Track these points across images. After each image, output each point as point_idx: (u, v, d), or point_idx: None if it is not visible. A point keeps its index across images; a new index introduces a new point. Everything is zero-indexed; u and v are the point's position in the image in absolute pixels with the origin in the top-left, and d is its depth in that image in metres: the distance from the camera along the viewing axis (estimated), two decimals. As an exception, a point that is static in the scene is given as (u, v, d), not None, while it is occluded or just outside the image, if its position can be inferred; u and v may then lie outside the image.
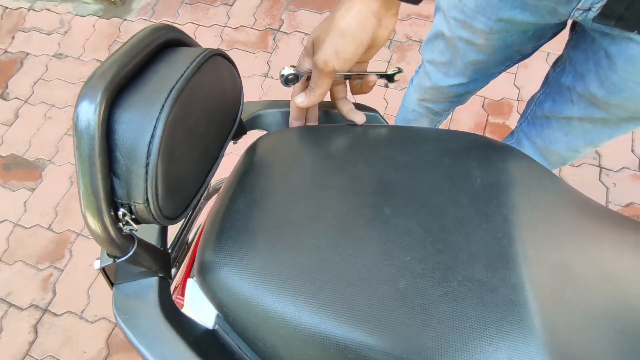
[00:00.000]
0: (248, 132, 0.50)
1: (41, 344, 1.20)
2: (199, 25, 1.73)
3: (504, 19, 0.55)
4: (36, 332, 1.22)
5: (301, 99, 0.44)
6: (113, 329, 1.20)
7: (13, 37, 1.80)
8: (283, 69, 0.43)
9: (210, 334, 0.37)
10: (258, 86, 1.57)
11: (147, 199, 0.28)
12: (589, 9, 0.47)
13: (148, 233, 0.37)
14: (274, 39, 1.67)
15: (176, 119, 0.29)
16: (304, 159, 0.42)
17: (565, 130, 0.66)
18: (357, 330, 0.29)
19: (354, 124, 0.47)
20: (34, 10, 1.86)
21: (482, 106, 1.46)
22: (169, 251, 0.50)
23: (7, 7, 1.89)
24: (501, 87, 1.48)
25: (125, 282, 0.35)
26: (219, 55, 0.36)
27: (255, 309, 0.32)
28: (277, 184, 0.39)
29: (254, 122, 0.52)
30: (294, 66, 0.43)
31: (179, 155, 0.31)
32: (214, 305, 0.36)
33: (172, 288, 0.45)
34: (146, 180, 0.27)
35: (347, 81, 0.47)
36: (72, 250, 1.33)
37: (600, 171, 1.34)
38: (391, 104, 1.49)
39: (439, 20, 0.67)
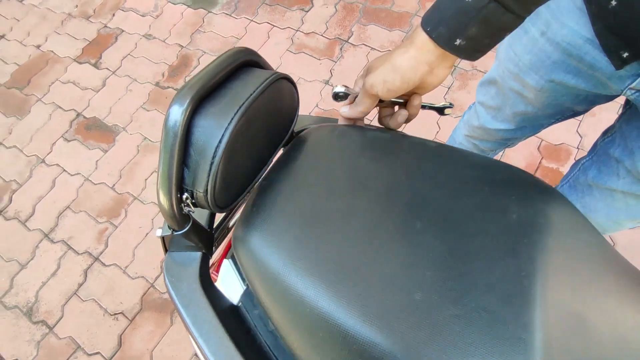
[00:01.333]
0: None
1: (88, 287, 1.36)
2: (274, 26, 1.85)
3: (555, 81, 0.56)
4: (86, 276, 1.38)
5: (345, 110, 0.48)
6: (148, 289, 1.33)
7: (113, 15, 2.03)
8: (336, 86, 0.48)
9: (235, 308, 0.44)
10: (317, 92, 1.64)
11: (207, 190, 0.35)
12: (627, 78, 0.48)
13: (201, 215, 0.44)
14: (341, 49, 1.73)
15: (240, 131, 0.36)
16: (348, 155, 0.45)
17: (607, 201, 0.65)
18: (365, 326, 0.32)
19: (403, 133, 0.51)
20: (135, -7, 2.08)
21: (538, 148, 1.42)
22: (213, 233, 0.57)
23: (113, -13, 2.13)
24: (562, 131, 1.43)
25: (176, 251, 0.42)
26: (284, 79, 0.42)
27: (279, 284, 0.36)
28: (318, 175, 0.42)
29: (303, 133, 0.58)
30: (345, 86, 0.49)
31: (237, 159, 0.37)
32: (242, 273, 0.41)
33: (210, 263, 0.52)
34: (209, 174, 0.34)
35: (395, 107, 0.51)
36: (128, 211, 1.48)
37: (657, 238, 1.26)
38: (443, 130, 1.50)
39: (495, 66, 0.69)
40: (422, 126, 1.51)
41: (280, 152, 0.50)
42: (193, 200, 0.37)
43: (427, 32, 0.38)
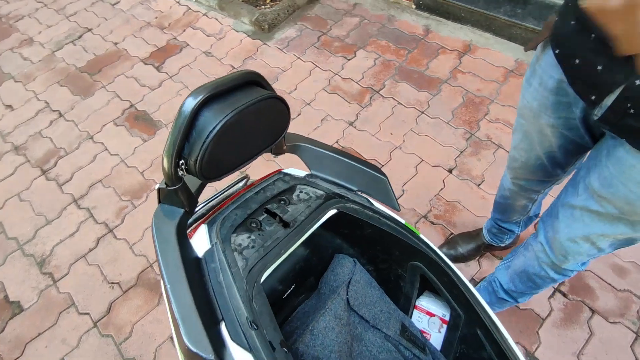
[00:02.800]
0: (287, 154, 0.70)
1: (96, 253, 1.51)
2: (317, 66, 2.07)
3: (561, 116, 0.72)
4: (97, 244, 1.53)
5: None
6: (147, 268, 1.46)
7: (184, 30, 2.33)
8: None
9: (197, 259, 0.56)
10: (341, 130, 1.81)
11: (197, 160, 0.49)
12: (596, 113, 0.61)
13: (192, 185, 0.58)
14: (371, 98, 1.91)
15: (231, 125, 0.50)
16: None
17: (568, 221, 0.75)
18: None
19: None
20: (207, 16, 2.40)
21: (532, 224, 1.48)
22: (201, 207, 0.71)
23: (190, 9, 2.46)
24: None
25: (166, 203, 0.55)
26: (275, 99, 0.57)
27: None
28: None
29: (294, 149, 0.71)
30: None
31: (225, 145, 0.51)
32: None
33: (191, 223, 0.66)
34: (200, 149, 0.48)
35: None
36: (149, 196, 1.65)
37: (636, 339, 1.27)
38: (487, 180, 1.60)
39: (517, 116, 0.87)
40: (472, 169, 1.62)
41: (267, 154, 0.65)
42: (186, 167, 0.50)
43: None
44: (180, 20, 2.40)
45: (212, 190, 1.59)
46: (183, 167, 0.50)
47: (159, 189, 0.54)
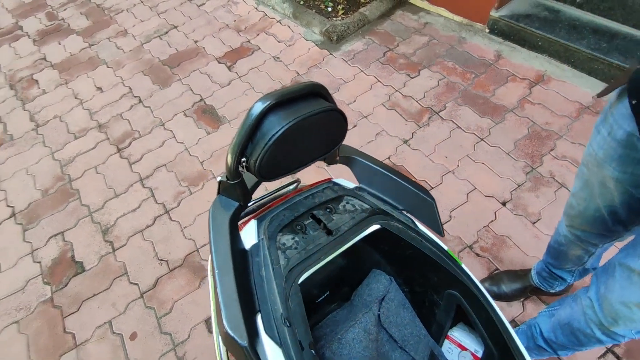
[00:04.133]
0: (339, 164, 0.73)
1: (152, 231, 1.64)
2: (379, 81, 2.09)
3: (627, 172, 0.67)
4: (154, 222, 1.67)
5: None
6: (193, 251, 1.56)
7: (258, 34, 2.47)
8: None
9: (244, 250, 0.60)
10: (394, 147, 1.80)
11: (257, 160, 0.53)
12: None
13: (248, 181, 0.62)
14: (429, 118, 1.89)
15: (292, 131, 0.53)
16: None
17: (624, 282, 0.69)
18: None
19: None
20: (280, 23, 2.52)
21: (589, 273, 1.37)
22: (254, 204, 0.76)
23: (266, 15, 2.61)
24: None
25: (223, 195, 0.60)
26: (336, 111, 0.59)
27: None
28: None
29: (347, 160, 0.74)
30: None
31: (284, 149, 0.55)
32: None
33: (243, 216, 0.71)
34: (262, 150, 0.52)
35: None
36: (205, 185, 1.77)
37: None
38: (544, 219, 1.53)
39: (581, 163, 0.82)
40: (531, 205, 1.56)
41: (319, 162, 0.68)
42: (246, 165, 0.55)
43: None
44: (255, 25, 2.55)
45: (263, 190, 1.67)
46: (244, 164, 0.55)
47: (220, 181, 0.59)
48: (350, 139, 1.85)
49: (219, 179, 0.59)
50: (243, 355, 0.47)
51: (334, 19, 2.43)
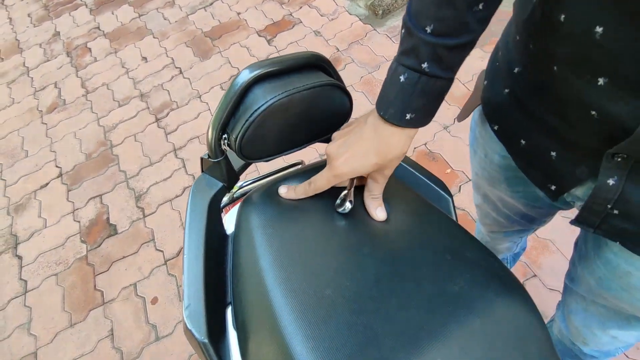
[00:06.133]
0: None
1: (180, 200, 1.68)
2: (424, 60, 1.93)
3: (516, 190, 0.58)
4: (183, 192, 1.70)
5: (287, 191, 0.51)
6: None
7: (301, 7, 2.38)
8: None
9: (224, 235, 0.55)
10: (432, 132, 1.67)
11: (237, 137, 0.47)
12: (566, 198, 0.47)
13: (235, 162, 0.57)
14: (475, 103, 1.72)
15: (279, 107, 0.47)
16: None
17: (580, 307, 0.60)
18: (292, 316, 0.38)
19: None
20: (325, -5, 2.41)
21: None
22: (248, 185, 0.71)
23: (311, -14, 2.50)
24: None
25: (207, 174, 0.56)
26: (337, 87, 0.52)
27: (251, 247, 0.47)
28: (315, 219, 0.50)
29: None
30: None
31: (269, 127, 0.49)
32: (237, 219, 0.53)
33: (228, 199, 0.66)
34: (242, 126, 0.46)
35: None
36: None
37: None
38: (540, 222, 1.38)
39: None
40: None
41: (317, 144, 0.60)
42: (227, 142, 0.49)
43: (381, 115, 0.43)
44: (299, -3, 2.46)
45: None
46: (225, 141, 0.49)
47: (202, 159, 0.54)
48: (386, 122, 1.75)
49: (201, 156, 0.55)
50: (200, 351, 0.43)
51: (382, -9, 2.27)
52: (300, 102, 0.49)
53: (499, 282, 0.44)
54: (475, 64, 1.85)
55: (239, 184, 0.70)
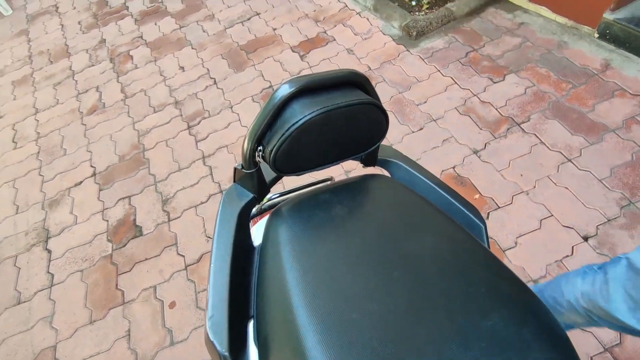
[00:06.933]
0: (377, 167, 0.65)
1: (205, 207, 1.70)
2: (456, 82, 1.91)
3: None
4: (208, 199, 1.73)
5: None
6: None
7: (335, 25, 2.43)
8: None
9: (250, 246, 0.55)
10: (461, 156, 1.64)
11: (272, 150, 0.47)
12: None
13: (268, 175, 0.57)
14: (508, 130, 1.68)
15: (316, 123, 0.47)
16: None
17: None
18: (316, 338, 0.38)
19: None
20: (360, 15, 2.44)
21: None
22: (276, 198, 0.71)
23: (346, 6, 2.54)
24: None
25: (239, 184, 0.56)
26: (375, 106, 0.51)
27: (278, 261, 0.46)
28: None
29: (386, 164, 0.65)
30: None
31: (305, 143, 0.48)
32: (265, 232, 0.53)
33: (258, 210, 0.66)
34: (278, 140, 0.46)
35: None
36: (259, 170, 1.79)
37: None
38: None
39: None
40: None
41: (350, 162, 0.60)
42: (262, 154, 0.50)
43: None
44: (334, 15, 2.50)
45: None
46: (260, 153, 0.50)
47: (235, 169, 0.55)
48: (414, 142, 1.73)
49: (234, 166, 0.55)
50: None
51: (417, 13, 2.29)
52: (337, 119, 0.49)
53: (536, 321, 0.41)
54: (510, 90, 1.81)
55: (268, 196, 0.70)
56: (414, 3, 2.36)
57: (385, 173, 0.67)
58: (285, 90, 0.46)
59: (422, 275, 0.44)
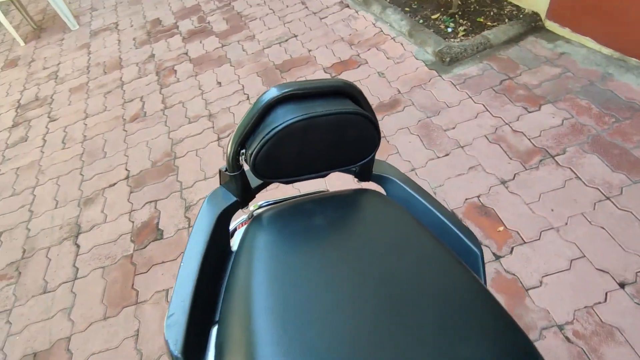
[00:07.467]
0: (371, 182, 0.63)
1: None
2: (488, 110, 1.85)
3: None
4: (228, 209, 1.77)
5: None
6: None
7: (369, 49, 2.46)
8: None
9: (228, 250, 0.55)
10: (487, 185, 1.57)
11: (252, 153, 0.47)
12: None
13: (253, 181, 0.57)
14: (540, 161, 1.59)
15: (297, 130, 0.46)
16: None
17: None
18: (271, 349, 0.36)
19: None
20: (394, 40, 2.47)
21: None
22: (262, 206, 0.70)
23: (381, 31, 2.58)
24: None
25: (224, 187, 0.56)
26: (365, 118, 0.50)
27: (247, 267, 0.45)
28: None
29: (381, 180, 0.63)
30: None
31: (287, 147, 0.48)
32: (242, 237, 0.52)
33: (249, 216, 0.66)
34: (258, 144, 0.46)
35: None
36: (280, 186, 1.80)
37: None
38: (606, 304, 1.18)
39: None
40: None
41: (337, 174, 0.59)
42: (245, 158, 0.50)
43: None
44: (369, 40, 2.54)
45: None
46: (242, 156, 0.50)
47: (220, 171, 0.55)
48: (438, 167, 1.68)
49: (220, 168, 0.56)
50: None
51: (452, 40, 2.27)
52: (322, 128, 0.48)
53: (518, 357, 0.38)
54: (546, 121, 1.73)
55: (259, 203, 0.71)
56: (449, 30, 2.35)
57: (381, 189, 0.65)
58: (271, 94, 0.47)
59: (397, 296, 0.41)
